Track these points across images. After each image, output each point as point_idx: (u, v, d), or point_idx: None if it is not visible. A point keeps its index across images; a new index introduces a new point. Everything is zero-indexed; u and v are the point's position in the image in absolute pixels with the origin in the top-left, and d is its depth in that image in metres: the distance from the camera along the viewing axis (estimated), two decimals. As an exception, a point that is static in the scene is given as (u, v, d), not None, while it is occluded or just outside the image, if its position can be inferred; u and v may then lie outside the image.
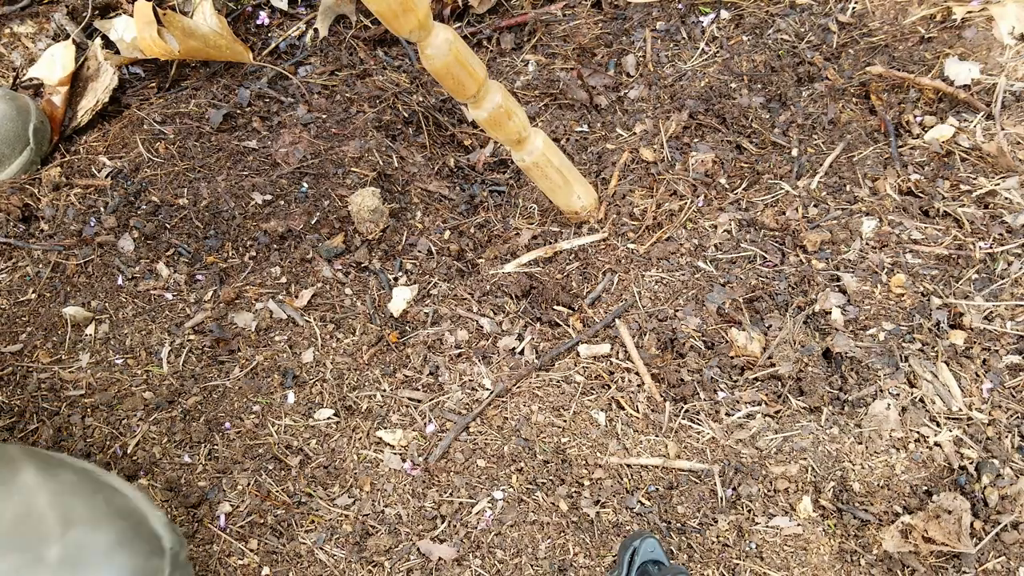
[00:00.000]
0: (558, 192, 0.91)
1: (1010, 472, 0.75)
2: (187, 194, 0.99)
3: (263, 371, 0.87)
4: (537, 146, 0.85)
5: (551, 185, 0.90)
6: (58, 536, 0.60)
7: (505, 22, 1.17)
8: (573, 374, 0.85)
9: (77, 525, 0.62)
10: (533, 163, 0.86)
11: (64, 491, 0.64)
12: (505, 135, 0.82)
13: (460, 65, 0.73)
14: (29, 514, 0.61)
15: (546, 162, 0.87)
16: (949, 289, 0.86)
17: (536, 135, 0.85)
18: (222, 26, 1.11)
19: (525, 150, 0.85)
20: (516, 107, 0.81)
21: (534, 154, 0.85)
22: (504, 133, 0.82)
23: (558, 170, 0.88)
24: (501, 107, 0.79)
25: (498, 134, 0.82)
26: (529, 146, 0.85)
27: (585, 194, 0.93)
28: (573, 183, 0.91)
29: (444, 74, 0.73)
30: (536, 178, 0.89)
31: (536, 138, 0.85)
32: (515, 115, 0.81)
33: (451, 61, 0.72)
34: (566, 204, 0.93)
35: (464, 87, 0.75)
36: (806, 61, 1.07)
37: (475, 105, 0.78)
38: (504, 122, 0.80)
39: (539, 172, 0.87)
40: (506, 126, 0.81)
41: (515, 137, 0.83)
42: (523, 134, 0.83)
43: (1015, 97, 0.99)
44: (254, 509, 0.78)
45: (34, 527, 0.61)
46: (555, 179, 0.88)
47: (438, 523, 0.77)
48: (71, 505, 0.63)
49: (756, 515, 0.76)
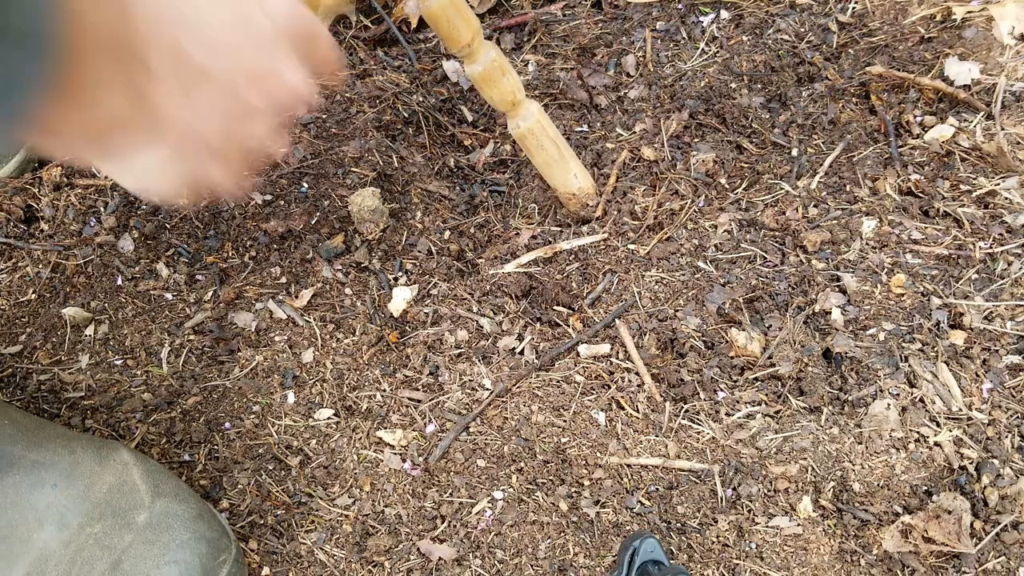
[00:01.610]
0: (555, 168, 0.91)
1: (1010, 472, 0.75)
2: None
3: (263, 371, 0.87)
4: (532, 112, 0.86)
5: (547, 158, 0.89)
6: (147, 505, 0.68)
7: (505, 22, 1.17)
8: (573, 374, 0.85)
9: (165, 496, 0.69)
10: (528, 130, 0.86)
11: (155, 469, 0.72)
12: (500, 94, 0.83)
13: (455, 8, 0.73)
14: (123, 483, 0.69)
15: (541, 130, 0.87)
16: (949, 289, 0.86)
17: (531, 102, 0.86)
18: (222, 26, 1.11)
19: (520, 115, 0.86)
20: (509, 66, 0.82)
21: (529, 120, 0.85)
22: (499, 92, 0.82)
23: (553, 141, 0.88)
24: (495, 61, 0.79)
25: (493, 93, 0.82)
26: (523, 111, 0.85)
27: (582, 175, 0.93)
28: (569, 160, 0.91)
29: (439, 17, 0.74)
30: (532, 149, 0.88)
31: (531, 104, 0.86)
32: (509, 73, 0.81)
33: (446, 3, 0.72)
34: (563, 183, 0.93)
35: (459, 32, 0.76)
36: (806, 61, 1.07)
37: (470, 59, 0.79)
38: (498, 79, 0.81)
39: (535, 142, 0.87)
40: (500, 83, 0.81)
41: (510, 99, 0.83)
42: (517, 96, 0.84)
43: (1015, 97, 0.99)
44: (254, 509, 0.78)
45: (127, 496, 0.68)
46: (551, 151, 0.88)
47: (438, 523, 0.77)
48: (160, 480, 0.71)
49: (756, 515, 0.76)
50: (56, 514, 0.66)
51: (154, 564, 0.65)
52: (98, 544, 0.66)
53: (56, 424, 0.76)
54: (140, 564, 0.65)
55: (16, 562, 0.64)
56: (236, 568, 0.70)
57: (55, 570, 0.64)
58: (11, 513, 0.66)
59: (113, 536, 0.66)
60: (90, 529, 0.66)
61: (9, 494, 0.66)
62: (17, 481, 0.67)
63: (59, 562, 0.65)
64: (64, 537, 0.66)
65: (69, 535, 0.66)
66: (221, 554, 0.68)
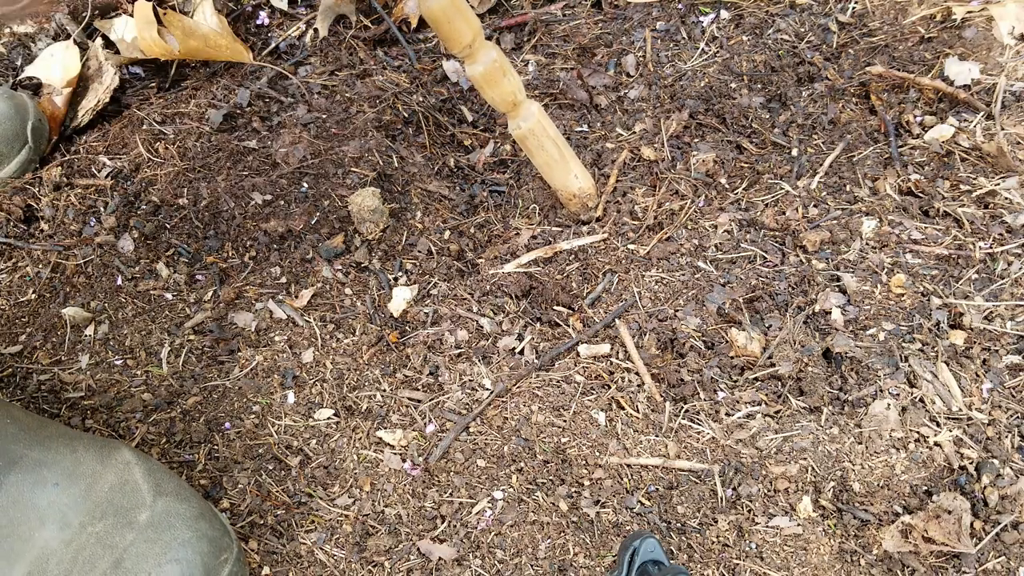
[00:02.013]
0: (555, 168, 0.91)
1: (1010, 472, 0.75)
2: (187, 194, 0.99)
3: (263, 371, 0.87)
4: (533, 112, 0.86)
5: (548, 159, 0.89)
6: (149, 504, 0.68)
7: (505, 22, 1.17)
8: (573, 374, 0.85)
9: (167, 495, 0.69)
10: (529, 130, 0.86)
11: (156, 468, 0.72)
12: (500, 95, 0.83)
13: (456, 9, 0.73)
14: (125, 483, 0.69)
15: (542, 130, 0.87)
16: (949, 289, 0.86)
17: (531, 102, 0.86)
18: (222, 26, 1.11)
19: (521, 115, 0.86)
20: (510, 67, 0.82)
21: (530, 120, 0.86)
22: (500, 93, 0.83)
23: (554, 141, 0.88)
24: (496, 62, 0.79)
25: (494, 93, 0.83)
26: (524, 111, 0.86)
27: (583, 175, 0.93)
28: (569, 160, 0.91)
29: (440, 17, 0.74)
30: (532, 150, 0.89)
31: (531, 104, 0.86)
32: (510, 73, 0.82)
33: (447, 3, 0.72)
34: (564, 184, 0.93)
35: (460, 33, 0.76)
36: (806, 61, 1.07)
37: (471, 59, 0.79)
38: (499, 79, 0.81)
39: (535, 142, 0.87)
40: (501, 84, 0.82)
41: (510, 99, 0.83)
42: (518, 96, 0.84)
43: (1015, 97, 0.99)
44: (254, 509, 0.78)
45: (129, 495, 0.68)
46: (551, 152, 0.89)
47: (438, 523, 0.77)
48: (162, 479, 0.71)
49: (756, 515, 0.76)
50: (58, 513, 0.66)
51: (156, 562, 0.65)
52: (100, 543, 0.66)
53: (58, 423, 0.76)
54: (142, 562, 0.65)
55: (17, 561, 0.64)
56: (237, 567, 0.70)
57: (56, 569, 0.65)
58: (13, 512, 0.66)
59: (115, 535, 0.66)
60: (92, 528, 0.66)
61: (11, 493, 0.66)
62: (19, 480, 0.67)
63: (60, 561, 0.65)
64: (65, 536, 0.66)
65: (71, 534, 0.66)
66: (223, 553, 0.68)
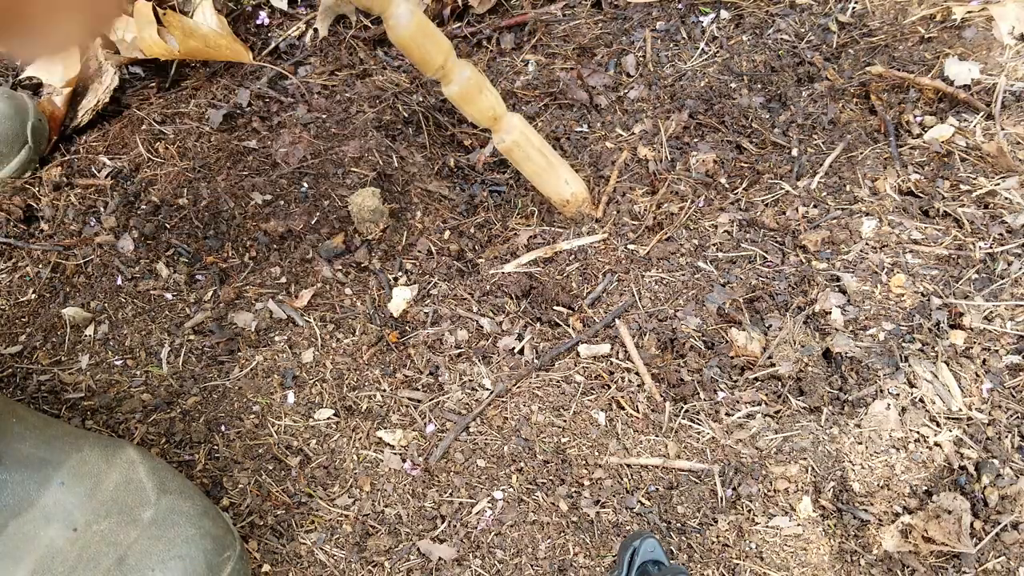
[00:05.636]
0: (545, 176, 0.91)
1: (1010, 472, 0.75)
2: (187, 194, 0.99)
3: (263, 371, 0.87)
4: (515, 124, 0.86)
5: (536, 168, 0.90)
6: (153, 502, 0.68)
7: (505, 22, 1.17)
8: (573, 374, 0.85)
9: (170, 493, 0.70)
10: (513, 142, 0.87)
11: (160, 467, 0.72)
12: (479, 111, 0.83)
13: (424, 34, 0.74)
14: (130, 481, 0.69)
15: (526, 141, 0.87)
16: (949, 289, 0.86)
17: (512, 115, 0.87)
18: (222, 26, 1.11)
19: (504, 129, 0.86)
20: (486, 81, 0.82)
21: (513, 132, 0.86)
22: (478, 109, 0.83)
23: (539, 151, 0.88)
24: (471, 79, 0.80)
25: (472, 110, 0.83)
26: (506, 124, 0.86)
27: (573, 180, 0.93)
28: (558, 167, 0.91)
29: (410, 44, 0.75)
30: (519, 161, 0.89)
31: (512, 117, 0.86)
32: (487, 89, 0.82)
33: (415, 31, 0.73)
34: (556, 192, 0.93)
35: (431, 56, 0.77)
36: (806, 61, 1.07)
37: (445, 80, 0.80)
38: (476, 96, 0.81)
39: (521, 153, 0.88)
40: (478, 100, 0.82)
41: (490, 114, 0.84)
42: (497, 110, 0.84)
43: (1015, 97, 0.99)
44: (254, 509, 0.78)
45: (134, 493, 0.69)
46: (538, 161, 0.89)
47: (438, 523, 0.77)
48: (166, 477, 0.71)
49: (756, 515, 0.76)
50: (63, 512, 0.67)
51: (159, 560, 0.65)
52: (104, 541, 0.66)
53: (63, 422, 0.76)
54: (145, 559, 0.65)
55: (22, 559, 0.65)
56: (240, 565, 0.70)
57: (61, 567, 0.65)
58: (18, 510, 0.66)
59: (119, 532, 0.66)
60: (96, 527, 0.67)
61: (16, 491, 0.67)
62: (24, 479, 0.67)
63: (65, 559, 0.65)
64: (70, 535, 0.66)
65: (76, 533, 0.66)
66: (226, 551, 0.68)
